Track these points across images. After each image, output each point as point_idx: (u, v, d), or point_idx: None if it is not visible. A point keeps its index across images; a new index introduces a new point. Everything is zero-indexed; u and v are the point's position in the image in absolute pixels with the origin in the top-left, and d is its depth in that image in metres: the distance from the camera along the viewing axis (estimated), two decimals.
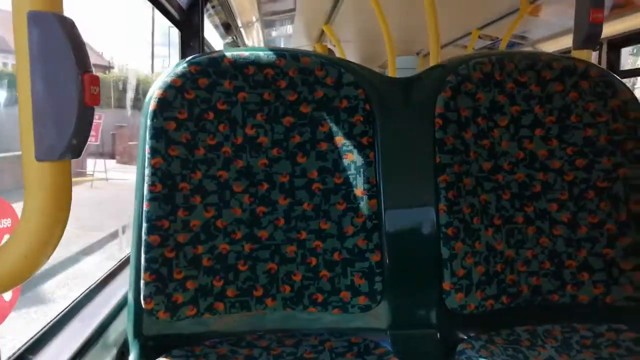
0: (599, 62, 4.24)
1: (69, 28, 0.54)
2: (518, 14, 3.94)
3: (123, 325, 1.16)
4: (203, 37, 2.38)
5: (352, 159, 1.13)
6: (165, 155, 1.07)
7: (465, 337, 1.12)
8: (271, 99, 1.14)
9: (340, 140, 1.14)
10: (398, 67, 7.01)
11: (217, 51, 1.17)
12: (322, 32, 5.00)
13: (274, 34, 4.89)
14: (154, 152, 1.06)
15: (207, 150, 1.10)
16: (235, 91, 1.12)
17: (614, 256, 1.16)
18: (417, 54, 6.12)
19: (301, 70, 1.14)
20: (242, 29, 3.90)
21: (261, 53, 1.15)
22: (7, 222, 0.84)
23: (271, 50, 1.16)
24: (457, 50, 5.76)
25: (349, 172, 1.13)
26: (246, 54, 1.14)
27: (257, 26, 4.13)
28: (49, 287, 4.70)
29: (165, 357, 1.02)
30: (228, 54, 1.13)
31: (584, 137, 1.18)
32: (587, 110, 1.18)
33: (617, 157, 1.18)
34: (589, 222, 1.17)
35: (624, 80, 1.22)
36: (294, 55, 1.15)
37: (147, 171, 1.06)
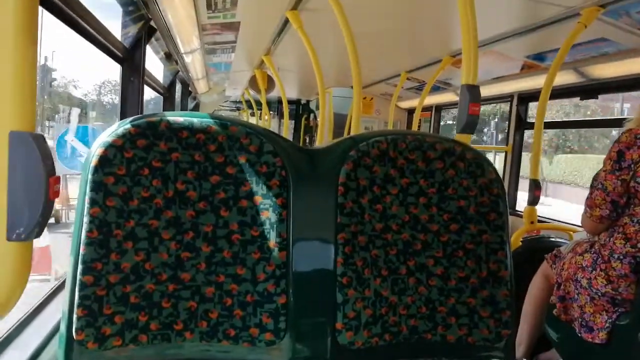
0: (509, 112, 4.73)
1: (40, 143, 0.71)
2: (440, 64, 4.34)
3: (53, 351, 1.29)
4: (144, 72, 2.51)
5: (267, 215, 1.33)
6: (103, 205, 1.22)
7: None
8: (201, 160, 1.31)
9: (258, 199, 1.34)
10: (335, 95, 7.38)
11: (155, 114, 1.33)
12: (262, 60, 5.21)
13: (215, 59, 5.05)
14: (92, 202, 1.21)
15: (141, 201, 1.26)
16: (169, 151, 1.28)
17: (476, 305, 1.43)
18: (352, 87, 6.47)
19: (229, 137, 1.33)
20: (184, 55, 4.04)
21: (195, 120, 1.32)
22: None
23: (203, 117, 1.34)
24: (388, 88, 6.18)
25: (264, 227, 1.33)
26: (181, 119, 1.31)
27: (199, 53, 4.28)
28: None
29: None
30: (165, 118, 1.30)
31: (457, 207, 1.45)
32: (461, 185, 1.46)
33: (482, 225, 1.45)
34: (457, 276, 1.44)
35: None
36: (223, 124, 1.34)
37: (85, 219, 1.21)
